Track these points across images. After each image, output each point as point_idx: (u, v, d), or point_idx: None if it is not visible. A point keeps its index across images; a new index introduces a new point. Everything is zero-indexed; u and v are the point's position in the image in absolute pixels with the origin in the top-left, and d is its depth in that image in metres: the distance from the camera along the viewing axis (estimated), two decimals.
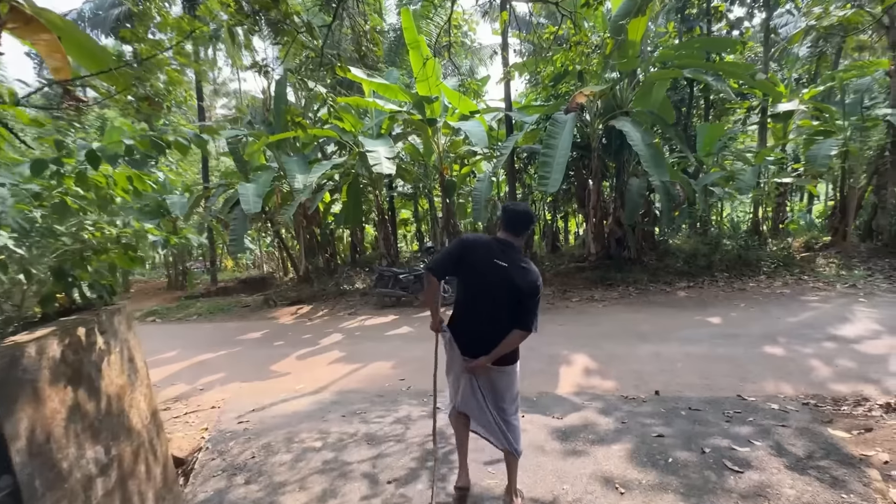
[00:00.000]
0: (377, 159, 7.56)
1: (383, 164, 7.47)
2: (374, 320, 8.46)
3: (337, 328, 8.12)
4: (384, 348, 6.63)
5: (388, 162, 7.59)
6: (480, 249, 2.46)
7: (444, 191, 10.18)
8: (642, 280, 8.91)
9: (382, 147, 7.93)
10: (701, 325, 6.37)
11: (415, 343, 6.72)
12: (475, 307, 2.52)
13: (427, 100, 9.16)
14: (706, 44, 8.43)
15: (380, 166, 7.47)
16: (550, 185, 7.53)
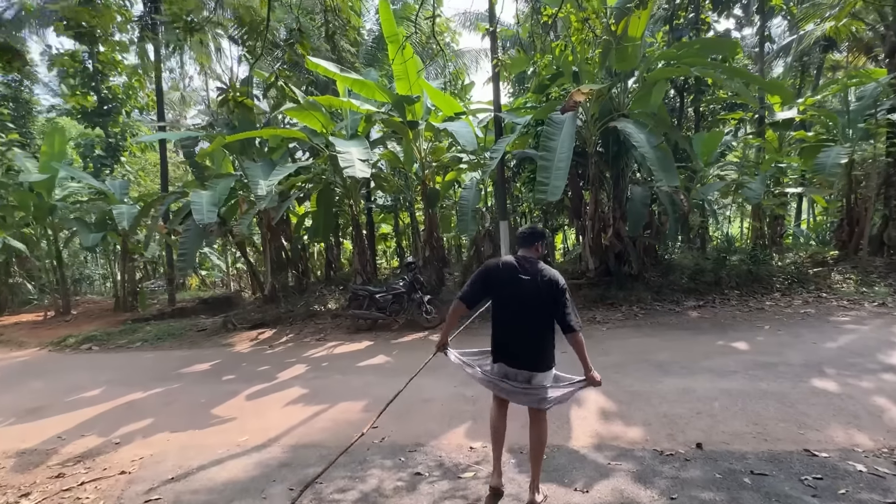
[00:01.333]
0: (349, 161, 6.55)
1: (356, 167, 6.47)
2: (346, 347, 7.31)
3: (301, 357, 6.93)
4: (355, 383, 5.50)
5: (361, 165, 6.58)
6: (504, 271, 2.71)
7: (426, 201, 9.21)
8: (646, 298, 8.04)
9: (356, 148, 6.93)
10: (727, 351, 5.47)
11: (392, 377, 5.62)
12: (514, 322, 2.71)
13: (407, 100, 8.25)
14: (706, 45, 7.81)
15: (352, 169, 6.46)
16: (550, 192, 6.63)
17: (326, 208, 8.63)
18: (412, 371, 3.48)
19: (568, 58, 8.17)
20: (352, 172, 6.48)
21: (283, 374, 6.17)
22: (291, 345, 7.82)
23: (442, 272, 9.61)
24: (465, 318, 3.05)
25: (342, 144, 7.03)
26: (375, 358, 6.53)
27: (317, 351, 7.25)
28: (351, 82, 7.97)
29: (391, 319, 8.23)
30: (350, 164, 6.55)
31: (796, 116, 10.29)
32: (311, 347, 7.49)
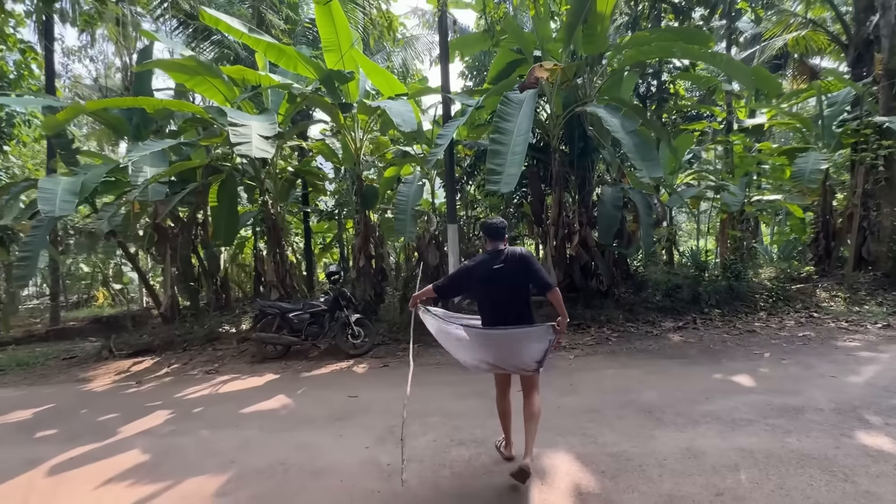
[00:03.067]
0: (243, 136, 4.91)
1: (253, 145, 4.84)
2: (239, 383, 5.51)
3: (170, 399, 5.08)
4: (224, 444, 3.77)
5: (262, 142, 4.96)
6: (480, 267, 3.03)
7: (361, 201, 7.65)
8: (618, 318, 6.81)
9: (258, 123, 5.30)
10: (730, 389, 4.21)
11: (283, 431, 3.94)
12: (497, 310, 3.01)
13: (339, 76, 6.73)
14: (679, 34, 6.88)
15: (247, 147, 4.82)
16: (504, 182, 5.28)
17: (230, 205, 6.84)
18: (313, 420, 3.42)
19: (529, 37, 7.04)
20: (245, 150, 4.84)
21: (129, 426, 4.32)
22: (169, 380, 5.91)
23: (380, 286, 8.01)
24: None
25: (240, 117, 5.38)
26: (271, 400, 4.80)
27: (198, 389, 5.40)
28: (264, 47, 6.37)
29: (309, 345, 6.51)
30: (244, 139, 4.91)
31: (766, 123, 9.71)
32: (193, 383, 5.63)
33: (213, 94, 6.34)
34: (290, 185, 9.47)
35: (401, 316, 7.51)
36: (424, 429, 3.84)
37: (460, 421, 3.93)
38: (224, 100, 6.37)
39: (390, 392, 4.78)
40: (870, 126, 7.07)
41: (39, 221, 6.16)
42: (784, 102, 10.25)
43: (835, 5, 10.21)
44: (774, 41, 11.77)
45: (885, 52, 7.56)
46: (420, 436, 3.72)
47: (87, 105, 5.77)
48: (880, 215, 7.72)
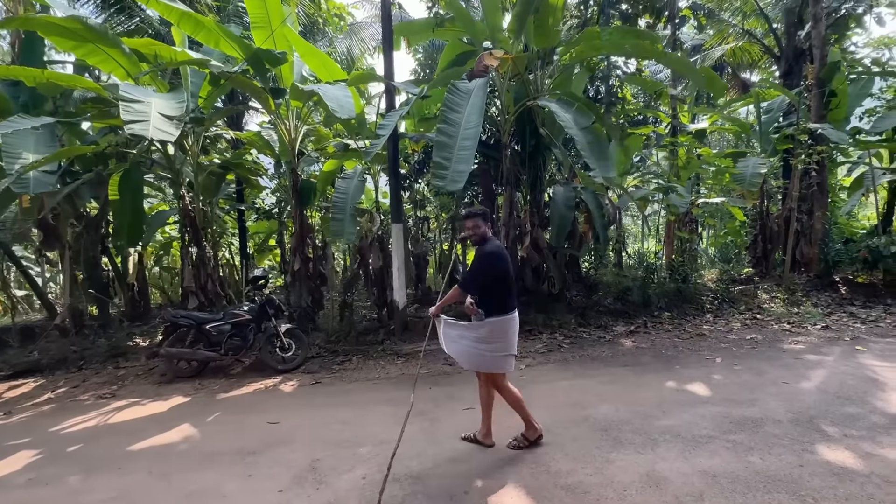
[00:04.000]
0: (139, 115, 4.07)
1: (150, 125, 4.02)
2: (137, 410, 4.63)
3: (42, 433, 4.14)
4: (97, 496, 3.01)
5: (163, 123, 4.15)
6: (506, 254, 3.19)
7: (296, 197, 6.89)
8: (570, 323, 6.54)
9: (160, 101, 4.47)
10: (686, 399, 3.96)
11: (185, 472, 3.21)
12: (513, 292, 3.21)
13: (269, 57, 5.97)
14: (628, 34, 6.73)
15: (142, 126, 3.99)
16: (451, 179, 4.80)
17: (133, 199, 5.82)
18: (219, 457, 2.91)
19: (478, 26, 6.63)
20: (140, 130, 4.01)
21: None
22: (49, 408, 4.90)
23: (319, 292, 7.28)
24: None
25: (137, 92, 4.50)
26: (172, 431, 4.01)
27: (84, 419, 4.47)
28: (177, 16, 5.47)
29: (230, 360, 5.69)
30: (140, 118, 4.08)
31: (707, 128, 9.94)
32: (79, 412, 4.67)
33: (112, 67, 5.37)
34: (218, 179, 8.50)
35: (341, 324, 6.85)
36: (352, 462, 3.26)
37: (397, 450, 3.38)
38: (126, 75, 5.43)
39: (319, 415, 4.15)
40: (805, 132, 7.29)
41: None
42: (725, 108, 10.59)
43: (768, 18, 10.69)
44: (713, 51, 12.20)
45: (816, 62, 7.89)
46: (345, 471, 3.14)
47: None
48: (812, 219, 8.03)
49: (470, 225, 3.17)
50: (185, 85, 6.65)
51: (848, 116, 8.47)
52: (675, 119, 9.80)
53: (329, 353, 6.14)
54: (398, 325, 6.45)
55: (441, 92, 6.65)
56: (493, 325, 3.10)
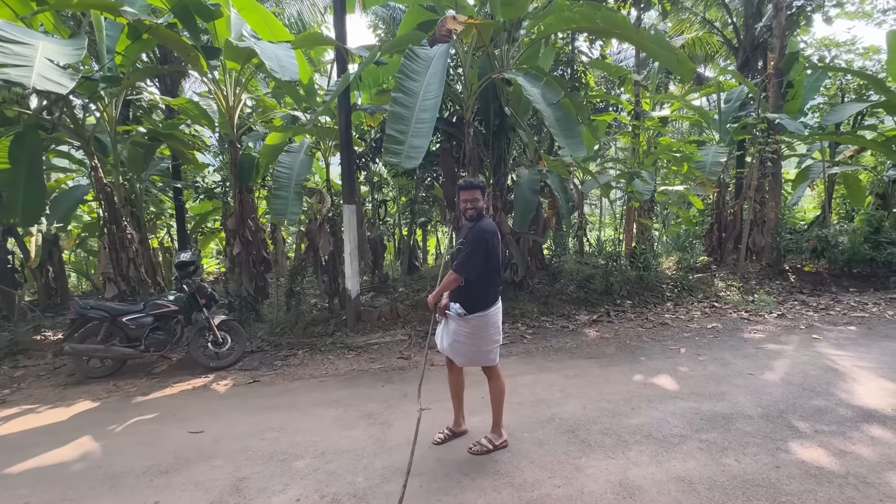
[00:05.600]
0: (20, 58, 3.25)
1: (34, 71, 3.22)
2: (30, 419, 3.89)
3: None
4: None
5: (52, 71, 3.34)
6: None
7: (235, 173, 6.13)
8: (532, 312, 6.27)
9: (50, 44, 3.63)
10: (653, 394, 3.75)
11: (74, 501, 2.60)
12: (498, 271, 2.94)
13: (199, 8, 5.14)
14: (594, 9, 6.40)
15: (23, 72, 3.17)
16: (406, 155, 4.30)
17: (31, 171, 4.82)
18: (121, 479, 2.51)
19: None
20: (19, 77, 3.19)
21: None
22: None
23: (263, 279, 6.60)
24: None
25: (21, 33, 3.63)
26: (69, 445, 3.34)
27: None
28: None
29: (152, 357, 4.97)
30: (21, 63, 3.27)
31: (669, 115, 9.93)
32: None
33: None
34: (147, 151, 7.51)
35: (287, 315, 6.23)
36: (286, 480, 2.77)
37: (339, 462, 2.93)
38: (15, 17, 4.47)
39: (252, 421, 3.61)
40: (764, 121, 7.33)
41: None
42: (686, 96, 10.62)
43: (728, 9, 10.77)
44: (674, 40, 12.22)
45: (776, 52, 7.94)
46: (276, 492, 2.65)
47: None
48: (766, 208, 8.18)
49: (467, 197, 2.80)
50: (98, 38, 5.69)
51: (802, 108, 8.66)
52: (637, 105, 9.72)
53: (272, 347, 5.55)
54: (350, 315, 5.93)
55: (399, 60, 6.09)
56: (482, 319, 2.78)
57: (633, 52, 11.72)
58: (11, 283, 7.31)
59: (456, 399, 3.17)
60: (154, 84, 8.74)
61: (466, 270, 2.72)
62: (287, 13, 8.95)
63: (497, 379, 2.97)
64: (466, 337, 2.83)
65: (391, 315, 6.18)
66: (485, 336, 2.82)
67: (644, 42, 5.52)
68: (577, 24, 5.90)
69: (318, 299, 7.31)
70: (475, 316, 2.80)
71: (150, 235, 9.51)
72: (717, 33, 11.35)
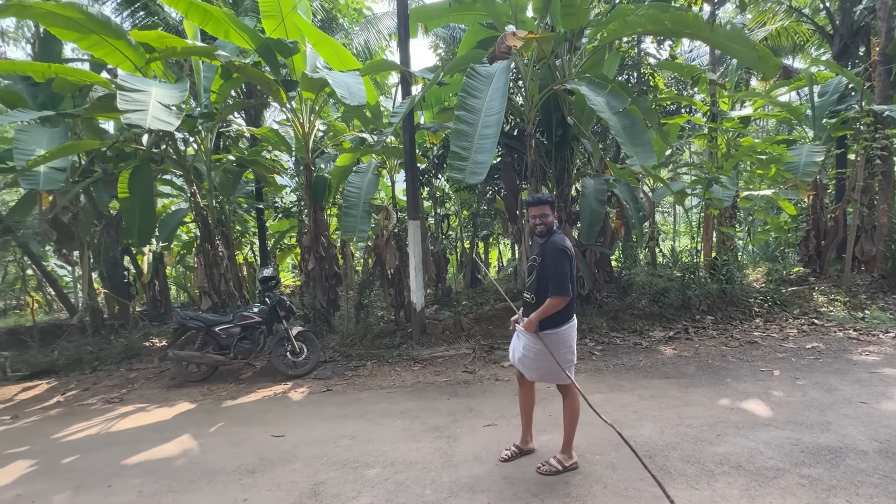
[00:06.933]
0: (137, 104, 3.85)
1: (149, 114, 3.79)
2: (141, 417, 4.42)
3: (44, 441, 3.96)
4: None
5: (162, 112, 3.91)
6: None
7: (309, 193, 6.61)
8: (601, 327, 6.01)
9: (160, 90, 4.24)
10: (742, 420, 3.42)
11: (177, 492, 2.91)
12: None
13: (280, 47, 5.70)
14: (664, 10, 6.10)
15: (139, 115, 3.76)
16: (469, 171, 4.38)
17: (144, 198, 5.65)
18: (215, 475, 2.70)
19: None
20: (137, 120, 3.78)
21: None
22: (56, 412, 4.75)
23: (334, 292, 6.99)
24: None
25: (137, 81, 4.28)
26: (172, 442, 3.75)
27: (87, 426, 4.29)
28: (185, 6, 5.26)
29: (240, 364, 5.45)
30: (138, 106, 3.85)
31: (752, 114, 9.15)
32: (84, 417, 4.50)
33: (119, 60, 5.19)
34: (234, 177, 8.35)
35: (356, 327, 6.53)
36: (359, 487, 2.89)
37: (408, 473, 3.00)
38: (134, 69, 5.25)
39: (327, 428, 3.81)
40: (869, 115, 6.50)
41: None
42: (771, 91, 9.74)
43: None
44: (755, 33, 11.29)
45: (881, 37, 7.04)
46: (350, 498, 2.77)
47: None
48: (875, 212, 7.20)
49: (536, 212, 2.78)
50: (197, 79, 6.48)
51: None
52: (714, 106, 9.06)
53: (343, 358, 5.83)
54: (416, 328, 6.08)
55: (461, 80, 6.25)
56: (554, 336, 2.74)
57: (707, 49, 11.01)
58: (126, 296, 8.39)
59: (525, 415, 3.11)
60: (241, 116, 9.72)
61: (565, 288, 2.66)
62: (355, 42, 9.55)
63: (572, 398, 2.88)
64: (537, 353, 2.78)
65: (455, 328, 6.24)
66: (557, 353, 2.75)
67: (719, 40, 5.17)
68: (643, 28, 5.68)
69: (385, 312, 7.57)
70: (547, 333, 2.75)
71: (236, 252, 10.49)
72: (806, 21, 10.32)
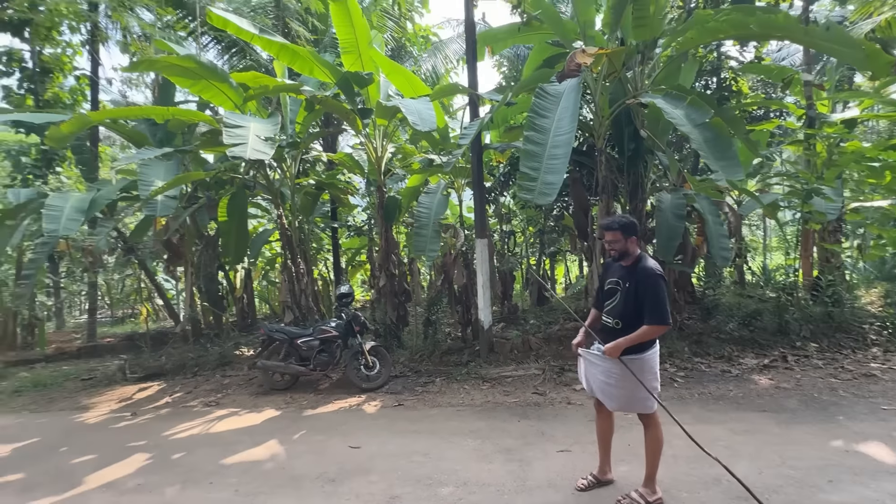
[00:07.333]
0: (239, 138, 4.37)
1: (248, 146, 4.28)
2: (234, 421, 4.84)
3: (156, 437, 4.48)
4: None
5: (260, 144, 4.40)
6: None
7: (381, 213, 6.95)
8: (682, 352, 5.61)
9: (258, 124, 4.77)
10: (861, 465, 3.00)
11: (267, 494, 3.16)
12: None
13: (357, 79, 6.14)
14: (750, 13, 5.69)
15: (242, 148, 4.27)
16: (539, 190, 4.38)
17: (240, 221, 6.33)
18: (300, 481, 2.84)
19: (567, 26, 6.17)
20: (239, 152, 4.28)
21: (98, 475, 3.71)
22: (165, 412, 5.36)
23: (403, 308, 7.22)
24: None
25: (237, 118, 4.85)
26: (261, 447, 4.07)
27: (190, 426, 4.79)
28: (276, 49, 5.89)
29: (318, 375, 5.79)
30: (240, 140, 4.36)
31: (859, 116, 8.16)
32: (188, 418, 5.03)
33: (222, 100, 5.93)
34: (313, 199, 9.01)
35: (424, 343, 6.68)
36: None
37: (481, 495, 3.00)
38: (234, 107, 5.95)
39: (400, 442, 3.92)
40: None
41: (44, 239, 5.91)
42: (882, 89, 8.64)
43: None
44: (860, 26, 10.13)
45: None
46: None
47: (92, 116, 5.51)
48: None
49: (608, 238, 2.80)
50: (283, 112, 7.15)
51: None
52: (811, 109, 8.22)
53: (412, 373, 5.98)
54: (483, 346, 6.08)
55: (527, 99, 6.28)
56: (636, 362, 2.65)
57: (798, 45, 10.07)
58: (220, 308, 9.31)
59: (602, 444, 3.00)
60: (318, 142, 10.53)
61: (665, 317, 2.59)
62: (423, 68, 9.99)
63: (654, 428, 2.73)
64: (619, 379, 2.68)
65: (523, 347, 6.16)
66: (642, 380, 2.64)
67: (816, 41, 4.74)
68: (724, 34, 5.37)
69: (452, 328, 7.67)
70: (631, 358, 2.65)
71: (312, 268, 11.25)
72: None
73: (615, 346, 2.65)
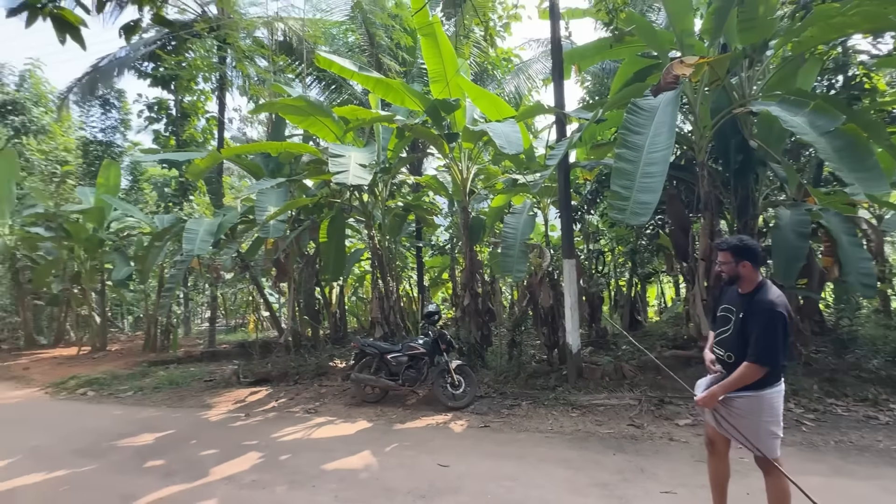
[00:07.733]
0: (342, 166, 4.80)
1: (350, 174, 4.69)
2: (331, 429, 5.18)
3: (266, 439, 4.94)
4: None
5: (359, 171, 4.79)
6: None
7: (466, 233, 7.09)
8: (811, 391, 4.86)
9: (358, 153, 5.20)
10: None
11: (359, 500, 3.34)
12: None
13: (445, 105, 6.44)
14: (891, 3, 4.94)
15: (344, 175, 4.69)
16: (632, 210, 4.17)
17: (338, 240, 6.90)
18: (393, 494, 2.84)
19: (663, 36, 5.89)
20: (342, 179, 4.69)
21: (220, 468, 4.20)
22: (272, 415, 5.90)
23: (487, 327, 7.23)
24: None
25: (340, 149, 5.34)
26: (356, 456, 4.29)
27: (294, 430, 5.21)
28: (373, 83, 6.42)
29: (406, 390, 5.98)
30: (342, 168, 4.79)
31: None
32: (291, 422, 5.49)
33: (325, 133, 6.58)
34: (401, 220, 9.48)
35: (509, 363, 6.59)
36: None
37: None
38: (335, 139, 6.56)
39: (488, 465, 3.90)
40: None
41: (182, 258, 6.94)
42: None
43: None
44: None
45: None
46: None
47: (223, 152, 6.46)
48: None
49: (719, 259, 2.64)
50: (377, 140, 7.70)
51: None
52: None
53: (497, 395, 5.92)
54: (571, 370, 5.84)
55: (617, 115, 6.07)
56: (753, 400, 2.40)
57: None
58: (317, 321, 10.09)
59: (717, 490, 2.71)
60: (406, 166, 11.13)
61: (768, 359, 2.32)
62: (507, 90, 10.14)
63: (777, 478, 2.41)
64: (731, 416, 2.43)
65: (616, 374, 5.80)
66: (758, 421, 2.37)
67: None
68: (856, 28, 4.74)
69: (537, 351, 7.48)
70: (745, 395, 2.39)
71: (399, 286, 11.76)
72: None
73: (710, 394, 2.42)
